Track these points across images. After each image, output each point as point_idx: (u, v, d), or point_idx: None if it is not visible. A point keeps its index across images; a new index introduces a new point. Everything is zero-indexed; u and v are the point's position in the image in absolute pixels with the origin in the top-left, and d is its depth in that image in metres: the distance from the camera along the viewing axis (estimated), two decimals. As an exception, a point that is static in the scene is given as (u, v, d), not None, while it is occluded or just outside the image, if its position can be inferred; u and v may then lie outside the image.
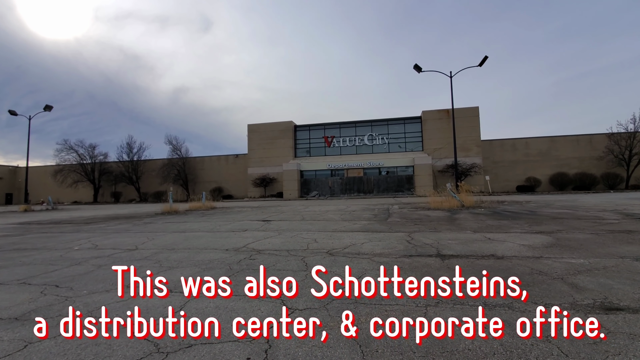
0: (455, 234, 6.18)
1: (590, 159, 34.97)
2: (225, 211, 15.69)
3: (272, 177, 39.00)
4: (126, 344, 2.05)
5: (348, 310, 2.46)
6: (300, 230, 7.50)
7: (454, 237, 5.81)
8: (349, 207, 15.68)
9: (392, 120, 38.36)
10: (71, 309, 2.68)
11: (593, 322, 2.14)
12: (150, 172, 49.67)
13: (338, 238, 6.12)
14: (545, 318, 2.24)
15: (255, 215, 12.29)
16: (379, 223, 8.53)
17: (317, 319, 2.33)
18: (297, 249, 5.14)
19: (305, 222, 9.21)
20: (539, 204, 14.22)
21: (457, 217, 9.47)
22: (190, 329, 2.22)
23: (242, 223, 9.55)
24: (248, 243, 5.81)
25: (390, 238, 5.94)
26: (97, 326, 2.32)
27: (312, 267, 3.84)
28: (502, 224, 7.63)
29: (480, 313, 2.35)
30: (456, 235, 6.01)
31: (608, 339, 1.94)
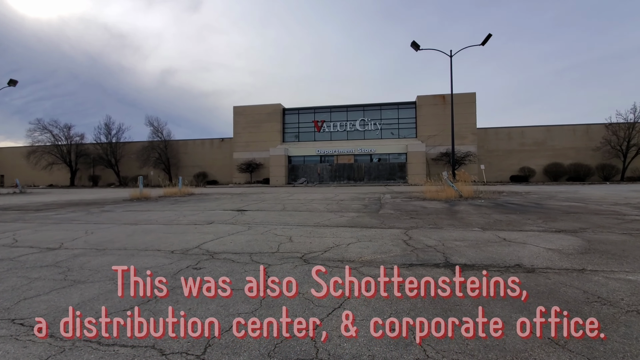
0: (462, 232, 5.15)
1: (586, 150, 34.66)
2: (201, 198, 14.43)
3: (259, 162, 37.58)
4: None
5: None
6: (276, 223, 6.38)
7: (461, 237, 4.78)
8: (337, 196, 14.62)
9: (385, 105, 37.10)
10: None
11: None
12: (131, 155, 47.59)
13: (319, 236, 5.03)
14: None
15: (232, 204, 11.11)
16: (369, 216, 7.47)
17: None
18: (264, 251, 4.02)
19: (285, 213, 8.09)
20: (541, 195, 13.43)
21: (458, 209, 8.50)
22: None
23: (213, 213, 8.37)
24: (205, 241, 4.66)
25: (384, 236, 4.88)
26: None
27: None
28: (512, 219, 6.66)
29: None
30: (463, 234, 4.99)
31: None
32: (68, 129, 51.12)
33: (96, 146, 49.72)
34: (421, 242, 4.42)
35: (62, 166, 49.88)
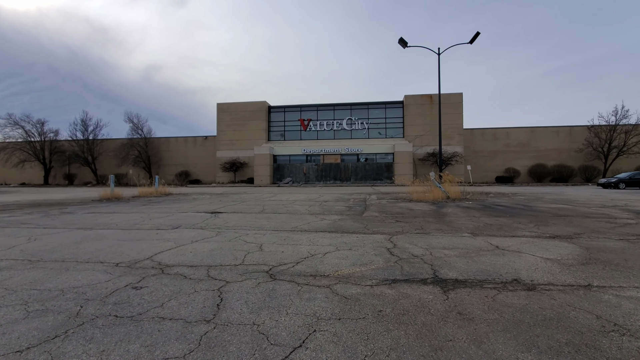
0: (451, 239, 4.75)
1: (569, 151, 35.36)
2: (177, 199, 13.69)
3: (243, 161, 36.72)
4: None
5: None
6: (249, 228, 5.84)
7: (450, 244, 4.36)
8: (321, 197, 14.15)
9: (372, 104, 36.88)
10: None
11: None
12: (109, 152, 45.82)
13: (294, 243, 4.52)
14: None
15: (209, 205, 10.47)
16: (352, 219, 7.01)
17: None
18: (226, 263, 3.49)
19: (263, 216, 7.55)
20: (528, 197, 13.32)
21: (445, 211, 8.15)
22: None
23: (183, 216, 7.74)
24: (161, 251, 4.09)
25: (366, 244, 4.42)
26: None
27: (226, 311, 2.22)
28: (502, 222, 6.33)
29: None
30: (452, 241, 4.58)
31: None
32: (42, 125, 48.83)
33: (72, 143, 47.67)
34: (407, 251, 3.98)
35: (35, 164, 47.69)
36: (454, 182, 12.57)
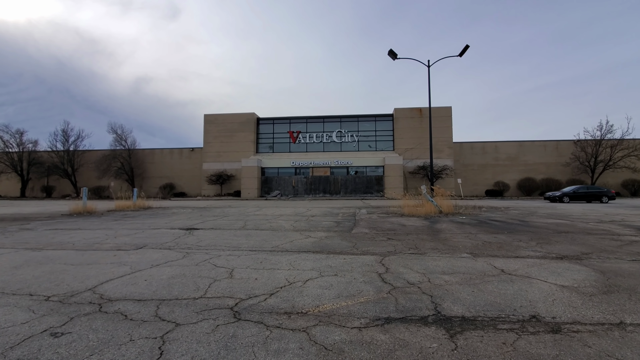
0: (449, 260, 4.25)
1: (556, 165, 35.84)
2: (155, 213, 12.91)
3: (230, 173, 35.89)
4: None
5: None
6: (224, 248, 5.23)
7: (450, 268, 3.86)
8: (309, 210, 13.57)
9: (362, 116, 36.86)
10: None
11: None
12: (90, 164, 44.37)
13: (271, 267, 3.95)
14: None
15: (187, 220, 9.78)
16: (340, 236, 6.47)
17: None
18: (184, 296, 2.89)
19: (242, 233, 6.93)
20: (521, 211, 13.04)
21: (439, 227, 7.68)
22: None
23: (154, 233, 7.06)
24: (110, 278, 3.46)
25: (354, 268, 3.87)
26: None
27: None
28: (501, 240, 5.89)
29: None
30: (451, 263, 4.08)
31: None
32: (20, 135, 47.27)
33: (51, 154, 46.12)
34: (401, 277, 3.45)
35: (12, 175, 45.85)
36: (446, 196, 12.21)
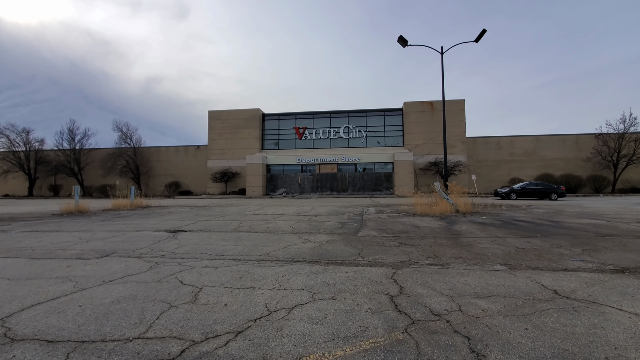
0: (481, 276, 3.34)
1: (576, 160, 34.19)
2: (149, 213, 12.24)
3: (235, 171, 35.25)
4: None
5: None
6: (203, 256, 4.42)
7: (485, 288, 2.96)
8: (313, 209, 12.73)
9: (371, 111, 35.75)
10: None
11: None
12: (96, 162, 44.42)
13: (251, 285, 3.11)
14: None
15: (179, 221, 9.04)
16: (344, 240, 5.60)
17: None
18: (115, 335, 2.07)
19: (233, 236, 6.13)
20: (545, 209, 11.95)
21: (459, 229, 6.75)
22: None
23: (134, 236, 6.31)
24: (38, 302, 2.67)
25: (357, 288, 3.01)
26: None
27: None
28: (536, 246, 4.94)
29: None
30: (485, 280, 3.18)
31: None
32: (27, 134, 47.65)
33: (57, 153, 46.37)
34: (421, 303, 2.57)
35: (19, 174, 46.25)
36: (462, 193, 11.21)
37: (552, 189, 21.69)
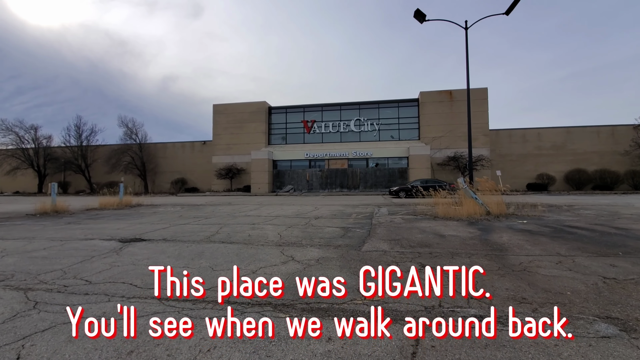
0: (585, 355, 1.75)
1: (612, 154, 31.42)
2: (130, 213, 11.00)
3: (240, 167, 34.04)
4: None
5: None
6: (124, 290, 2.98)
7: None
8: (316, 210, 11.22)
9: (384, 102, 33.79)
10: None
11: None
12: (102, 159, 44.19)
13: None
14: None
15: (151, 224, 7.70)
16: (341, 259, 4.06)
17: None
18: None
19: (195, 250, 4.68)
20: (595, 211, 10.07)
21: (500, 241, 5.10)
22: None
23: (76, 246, 4.95)
24: None
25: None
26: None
27: None
28: (630, 273, 3.28)
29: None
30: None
31: None
32: (35, 131, 47.90)
33: (65, 149, 46.39)
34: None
35: (28, 171, 46.53)
36: (495, 191, 9.46)
37: (440, 185, 21.42)
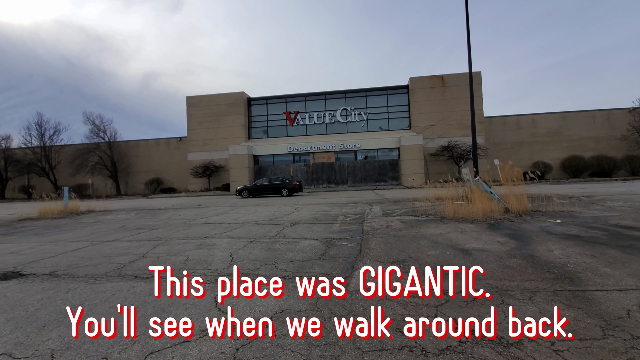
0: None
1: (608, 139, 30.67)
2: (64, 225, 9.04)
3: (218, 164, 31.88)
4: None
5: None
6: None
7: None
8: (296, 210, 9.48)
9: (371, 90, 32.09)
10: None
11: None
12: (67, 160, 41.13)
13: None
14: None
15: (69, 243, 5.83)
16: (314, 310, 2.34)
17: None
18: None
19: (83, 294, 2.88)
20: (621, 201, 8.68)
21: (551, 257, 3.47)
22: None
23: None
24: None
25: None
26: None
27: None
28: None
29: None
30: None
31: None
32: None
33: (26, 151, 43.01)
34: None
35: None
36: (517, 181, 7.92)
37: (283, 184, 21.72)
